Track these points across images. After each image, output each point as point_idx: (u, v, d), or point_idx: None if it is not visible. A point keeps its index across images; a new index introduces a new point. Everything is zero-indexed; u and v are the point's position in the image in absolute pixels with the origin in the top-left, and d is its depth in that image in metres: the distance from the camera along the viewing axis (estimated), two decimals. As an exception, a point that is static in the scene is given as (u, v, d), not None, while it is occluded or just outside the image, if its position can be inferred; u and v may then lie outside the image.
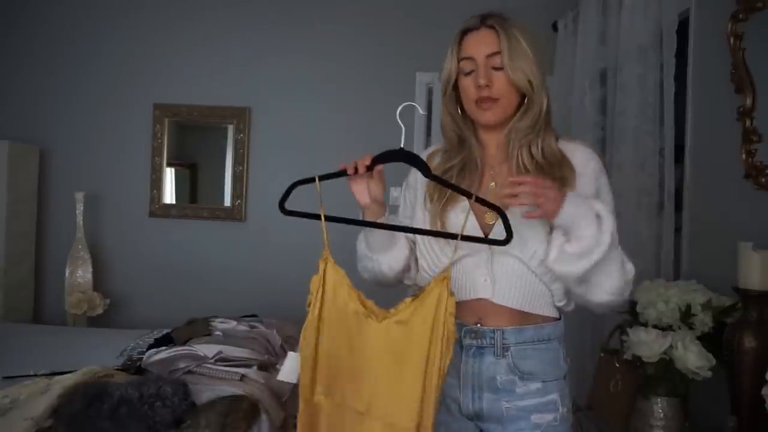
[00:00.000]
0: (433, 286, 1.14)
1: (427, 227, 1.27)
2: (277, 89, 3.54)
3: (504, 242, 1.15)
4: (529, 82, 1.21)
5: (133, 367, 2.20)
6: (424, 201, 1.32)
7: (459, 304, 1.24)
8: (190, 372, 2.11)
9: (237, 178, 3.54)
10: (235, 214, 3.55)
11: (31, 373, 2.08)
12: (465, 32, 1.26)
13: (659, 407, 1.61)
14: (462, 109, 1.30)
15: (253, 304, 3.23)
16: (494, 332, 1.23)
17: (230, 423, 1.79)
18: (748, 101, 1.76)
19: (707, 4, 2.04)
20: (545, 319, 1.26)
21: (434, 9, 3.48)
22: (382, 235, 1.27)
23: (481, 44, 1.23)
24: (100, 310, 3.28)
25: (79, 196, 3.38)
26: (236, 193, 3.54)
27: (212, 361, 2.14)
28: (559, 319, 1.29)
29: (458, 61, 1.25)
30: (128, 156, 3.57)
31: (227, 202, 3.57)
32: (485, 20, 1.24)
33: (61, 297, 3.34)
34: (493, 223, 1.24)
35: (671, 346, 1.55)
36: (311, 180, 1.23)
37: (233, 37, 3.56)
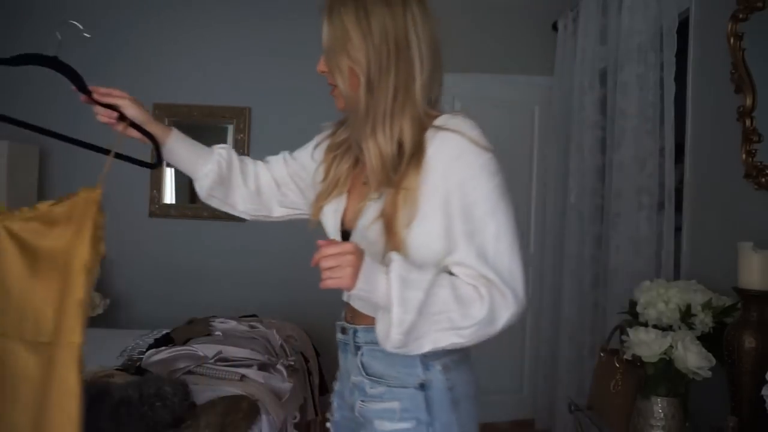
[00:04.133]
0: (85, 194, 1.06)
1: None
2: (277, 89, 3.55)
3: (152, 165, 1.28)
4: (349, 70, 1.04)
5: (133, 367, 2.20)
6: (314, 174, 1.25)
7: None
8: (190, 372, 2.11)
9: (237, 178, 3.54)
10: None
11: (31, 373, 2.08)
12: None
13: (659, 407, 1.61)
14: None
15: (253, 304, 3.23)
16: (352, 330, 1.16)
17: (230, 423, 1.79)
18: (748, 101, 1.76)
19: (707, 4, 2.04)
20: None
21: (433, 9, 3.48)
22: (185, 152, 1.29)
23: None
24: (100, 310, 3.28)
25: (79, 196, 3.37)
26: (236, 193, 3.54)
27: (212, 361, 2.14)
28: None
29: None
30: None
31: (227, 202, 3.56)
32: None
33: (61, 297, 3.34)
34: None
35: (671, 346, 1.55)
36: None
37: (233, 37, 3.56)
